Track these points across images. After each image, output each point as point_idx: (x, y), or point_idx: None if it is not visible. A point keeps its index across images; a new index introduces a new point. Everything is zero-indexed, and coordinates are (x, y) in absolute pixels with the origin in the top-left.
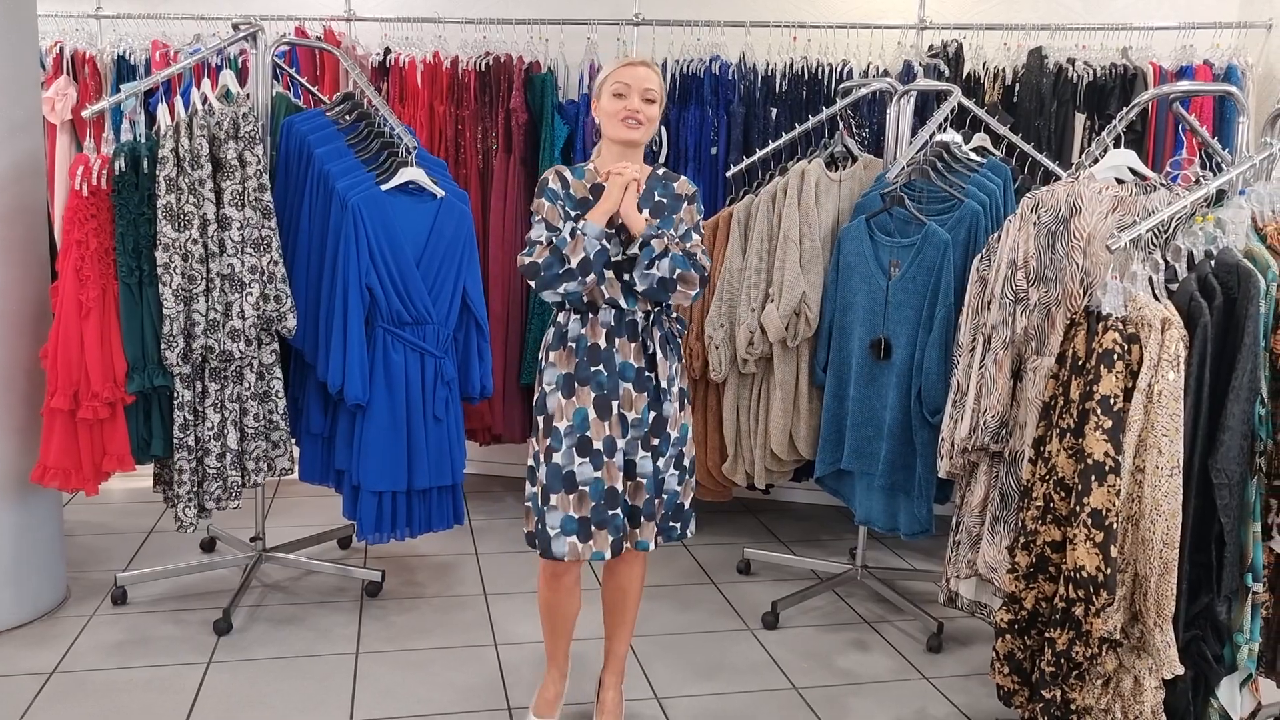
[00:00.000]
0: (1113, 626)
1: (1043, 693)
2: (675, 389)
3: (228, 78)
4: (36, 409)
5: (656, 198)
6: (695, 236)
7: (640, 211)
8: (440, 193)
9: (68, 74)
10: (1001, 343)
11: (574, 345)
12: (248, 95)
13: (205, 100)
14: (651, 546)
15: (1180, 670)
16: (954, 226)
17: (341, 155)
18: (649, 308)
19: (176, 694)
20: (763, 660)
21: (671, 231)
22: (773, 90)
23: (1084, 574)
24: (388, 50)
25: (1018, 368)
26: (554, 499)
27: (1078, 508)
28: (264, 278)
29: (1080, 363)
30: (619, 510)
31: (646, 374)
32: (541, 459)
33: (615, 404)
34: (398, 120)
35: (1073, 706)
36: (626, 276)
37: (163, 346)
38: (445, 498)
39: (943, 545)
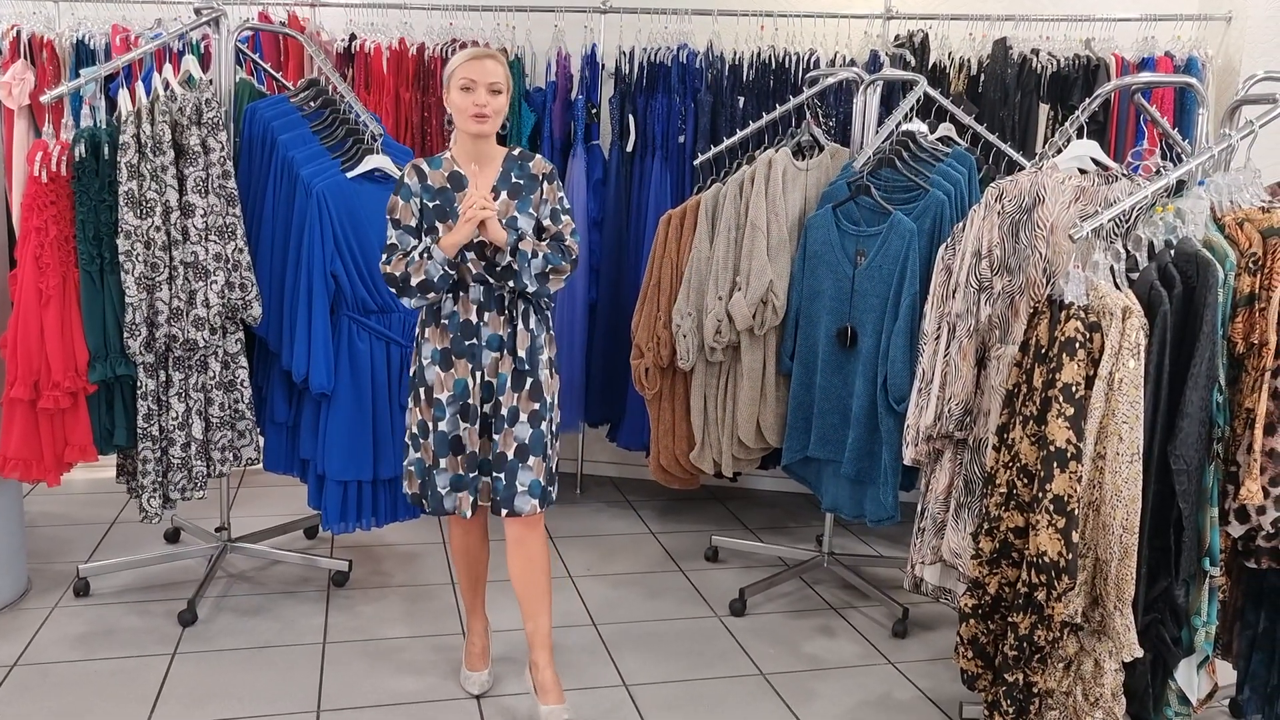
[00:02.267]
0: (1074, 611)
1: (1005, 676)
2: (544, 357)
3: (190, 63)
4: None
5: (514, 179)
6: (564, 218)
7: (499, 194)
8: None
9: (25, 58)
10: (966, 331)
11: (447, 322)
12: (210, 81)
13: (167, 85)
14: (519, 513)
15: (1139, 653)
16: (919, 216)
17: (306, 142)
18: (513, 285)
19: (141, 686)
20: (730, 647)
21: (529, 229)
22: (740, 79)
23: (1046, 559)
24: (353, 36)
25: (982, 356)
26: (443, 462)
27: (1040, 494)
28: (228, 265)
29: (1043, 351)
30: (476, 472)
31: (512, 343)
32: (430, 427)
33: (481, 374)
34: (363, 107)
35: (1035, 689)
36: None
37: (125, 335)
38: None
39: (908, 532)
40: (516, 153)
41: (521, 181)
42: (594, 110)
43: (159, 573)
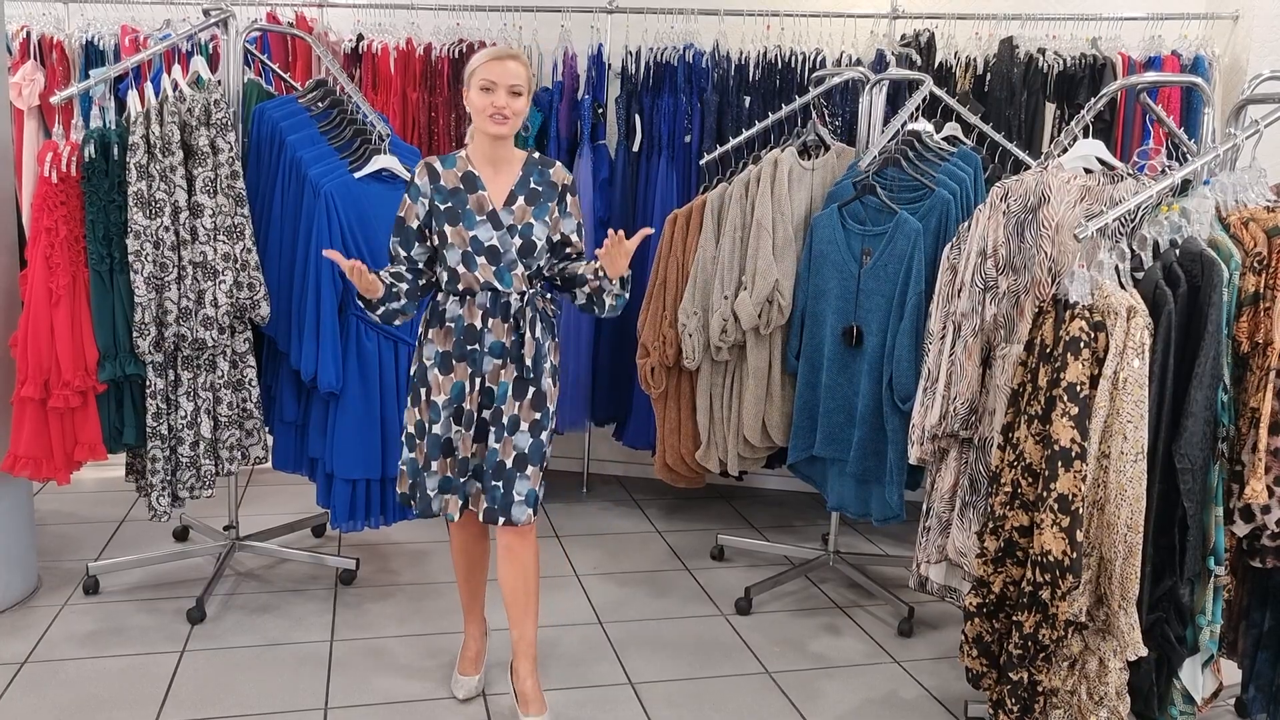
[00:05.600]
0: (1078, 609)
1: (1010, 675)
2: (547, 365)
3: (199, 64)
4: (6, 398)
5: (532, 185)
6: (583, 232)
7: (515, 200)
8: None
9: (35, 59)
10: (971, 330)
11: (452, 325)
12: (219, 81)
13: (176, 86)
14: (523, 519)
15: (1144, 652)
16: (925, 215)
17: (314, 142)
18: (524, 289)
19: (150, 683)
20: (736, 645)
21: (543, 239)
22: (746, 79)
23: (1050, 558)
24: (360, 36)
25: (987, 355)
26: (435, 465)
27: (1045, 493)
28: (237, 265)
29: (1048, 350)
30: (469, 477)
31: (516, 352)
32: (426, 428)
33: (480, 380)
34: (371, 107)
35: (1039, 688)
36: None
37: (134, 334)
38: None
39: (913, 531)
40: (536, 156)
41: (540, 189)
42: (600, 110)
43: (168, 571)
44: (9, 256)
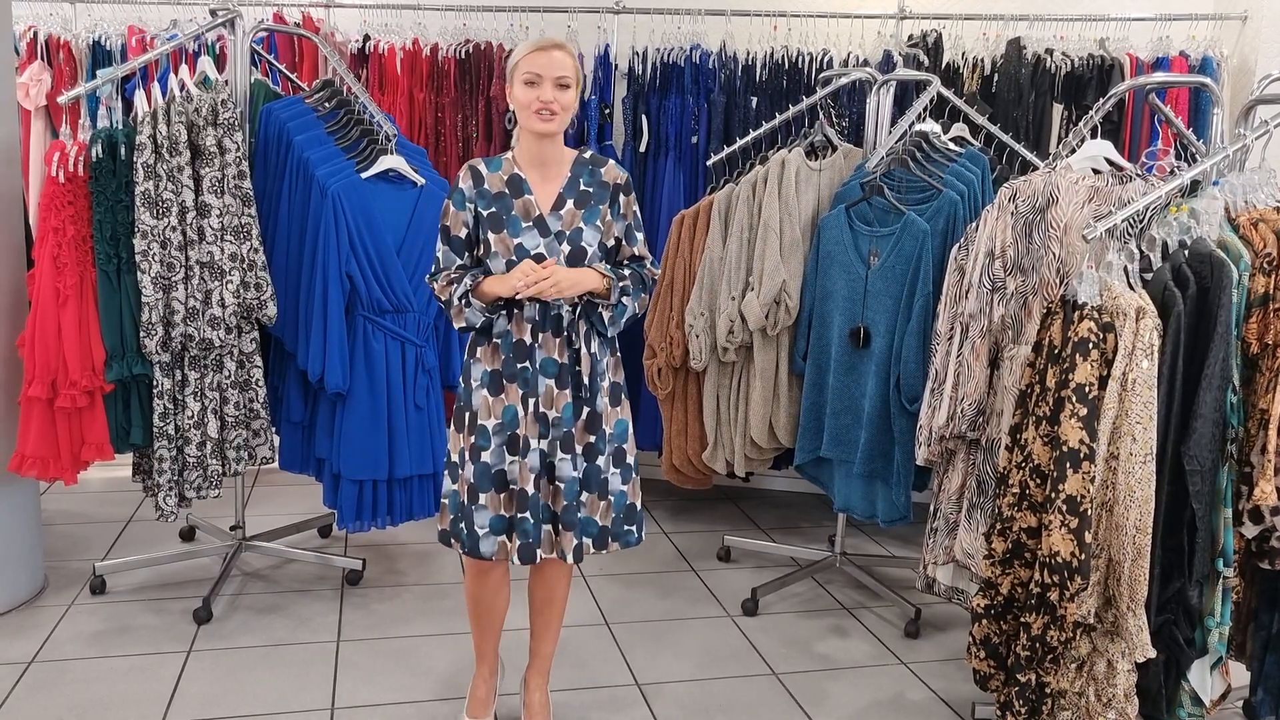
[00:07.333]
0: (1086, 611)
1: (1018, 676)
2: (606, 383)
3: (205, 64)
4: (14, 398)
5: (582, 186)
6: (639, 236)
7: (564, 203)
8: (421, 181)
9: (42, 59)
10: (979, 331)
11: (499, 341)
12: (226, 81)
13: (183, 86)
14: (582, 557)
15: (1152, 654)
16: (932, 216)
17: (321, 143)
18: (576, 300)
19: (157, 683)
20: (743, 646)
21: (595, 243)
22: (753, 79)
23: (1059, 559)
24: (367, 37)
25: (995, 356)
26: (483, 498)
27: (1053, 494)
28: (244, 265)
29: (1056, 351)
30: (529, 514)
31: (572, 369)
32: (468, 457)
33: (534, 401)
34: (377, 108)
35: (1047, 690)
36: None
37: (142, 334)
38: (426, 486)
39: (920, 532)
40: (587, 155)
41: (591, 189)
42: (607, 111)
43: (174, 571)
44: (16, 256)
